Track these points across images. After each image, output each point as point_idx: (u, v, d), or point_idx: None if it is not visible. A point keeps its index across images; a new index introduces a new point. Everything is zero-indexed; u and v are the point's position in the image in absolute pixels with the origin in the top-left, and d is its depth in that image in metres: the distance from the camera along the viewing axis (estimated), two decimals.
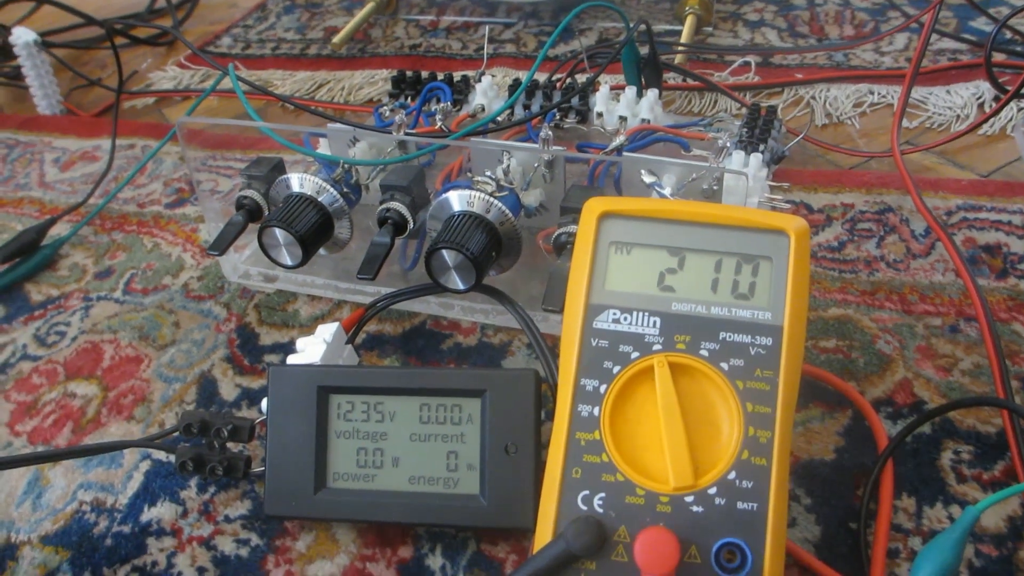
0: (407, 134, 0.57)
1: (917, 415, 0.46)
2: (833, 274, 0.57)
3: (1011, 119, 0.70)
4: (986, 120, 0.66)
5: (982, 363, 0.49)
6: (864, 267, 0.57)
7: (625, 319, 0.38)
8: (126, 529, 0.45)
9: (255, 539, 0.43)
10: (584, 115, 0.69)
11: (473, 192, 0.48)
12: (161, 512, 0.45)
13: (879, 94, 0.76)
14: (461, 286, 0.48)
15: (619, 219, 0.39)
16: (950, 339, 0.51)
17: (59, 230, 0.69)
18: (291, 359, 0.47)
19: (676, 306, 0.38)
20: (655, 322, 0.38)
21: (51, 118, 0.88)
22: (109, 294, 0.62)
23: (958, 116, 0.72)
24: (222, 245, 0.53)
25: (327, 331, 0.49)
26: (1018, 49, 0.77)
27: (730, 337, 0.37)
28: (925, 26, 0.64)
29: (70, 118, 0.88)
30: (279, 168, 0.55)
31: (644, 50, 0.70)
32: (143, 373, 0.54)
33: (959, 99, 0.74)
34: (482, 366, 0.52)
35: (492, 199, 0.48)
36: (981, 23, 0.84)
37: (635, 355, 0.37)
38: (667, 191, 0.48)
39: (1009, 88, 0.60)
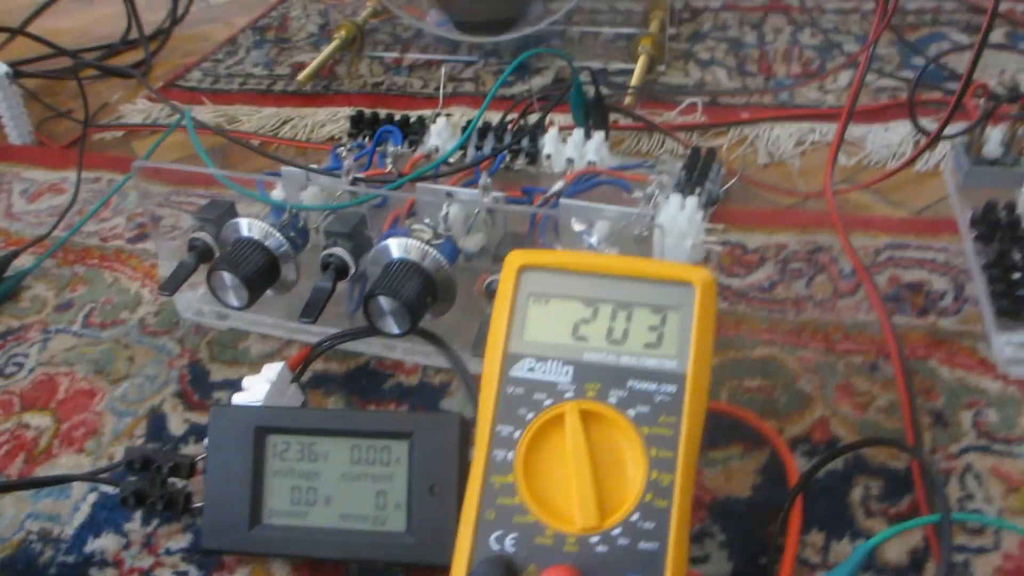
0: (355, 179, 0.59)
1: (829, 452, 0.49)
2: (762, 314, 0.59)
3: (944, 156, 0.73)
4: (911, 162, 0.69)
5: (897, 400, 0.52)
6: (792, 307, 0.60)
7: (540, 368, 0.40)
8: (70, 559, 0.47)
9: (193, 572, 0.45)
10: (534, 156, 0.72)
11: (410, 240, 0.51)
12: (105, 543, 0.47)
13: (820, 132, 0.79)
14: (396, 331, 0.50)
15: (537, 271, 0.42)
16: (869, 377, 0.54)
17: (23, 261, 0.71)
18: (236, 397, 0.49)
19: (588, 355, 0.40)
20: (568, 371, 0.40)
21: (22, 148, 0.90)
22: (68, 327, 0.64)
23: (895, 154, 0.75)
24: (172, 286, 0.55)
25: (272, 371, 0.51)
26: (947, 87, 0.80)
27: (637, 385, 0.39)
28: (860, 65, 0.67)
29: (41, 149, 0.90)
30: (231, 211, 0.58)
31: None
32: (96, 406, 0.57)
33: (896, 137, 0.77)
34: (414, 408, 0.54)
35: (428, 247, 0.50)
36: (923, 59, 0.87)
37: (548, 402, 0.39)
38: (594, 240, 0.50)
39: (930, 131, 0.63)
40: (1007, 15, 0.93)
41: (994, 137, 0.66)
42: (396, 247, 0.51)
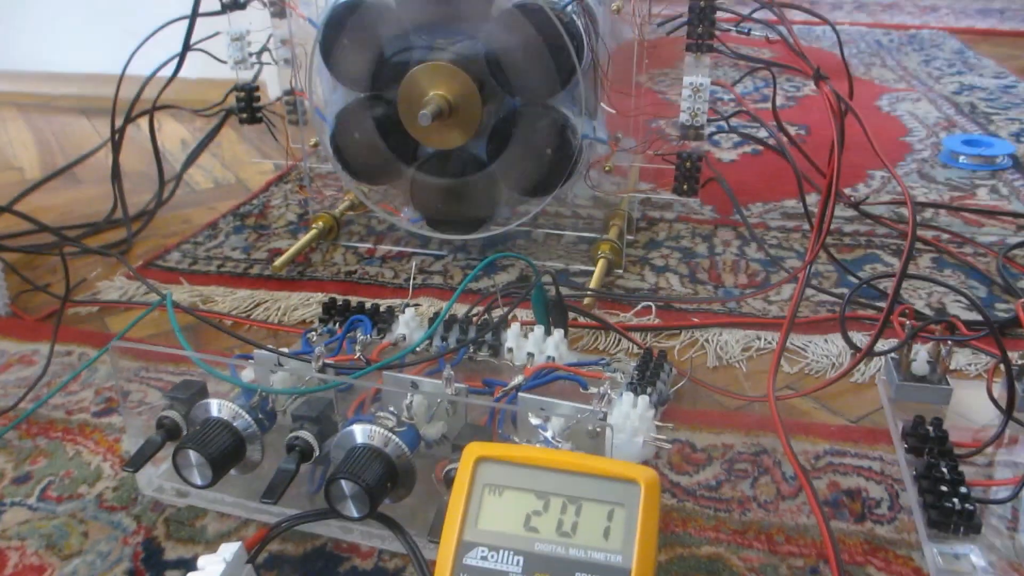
0: (325, 365, 0.62)
1: None
2: (709, 512, 0.62)
3: (879, 369, 0.78)
4: (845, 374, 0.74)
5: None
6: (738, 507, 0.62)
7: (492, 556, 0.42)
8: None
9: None
10: (496, 349, 0.75)
11: (374, 427, 0.53)
12: None
13: (765, 340, 0.84)
14: (355, 514, 0.51)
15: (494, 463, 0.44)
16: None
17: None
18: None
19: (539, 546, 0.42)
20: (519, 560, 0.42)
21: None
22: (24, 500, 0.64)
23: (833, 364, 0.80)
24: (138, 462, 0.56)
25: (228, 551, 0.52)
26: (879, 305, 0.87)
27: None
28: (799, 282, 0.73)
29: (14, 321, 0.92)
30: (202, 392, 0.60)
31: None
32: None
33: (835, 348, 0.82)
34: None
35: (391, 435, 0.53)
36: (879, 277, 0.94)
37: None
38: (549, 433, 0.53)
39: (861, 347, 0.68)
40: (933, 242, 1.02)
41: (921, 355, 0.71)
42: (360, 433, 0.53)
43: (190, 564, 0.57)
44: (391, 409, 0.56)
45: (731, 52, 0.83)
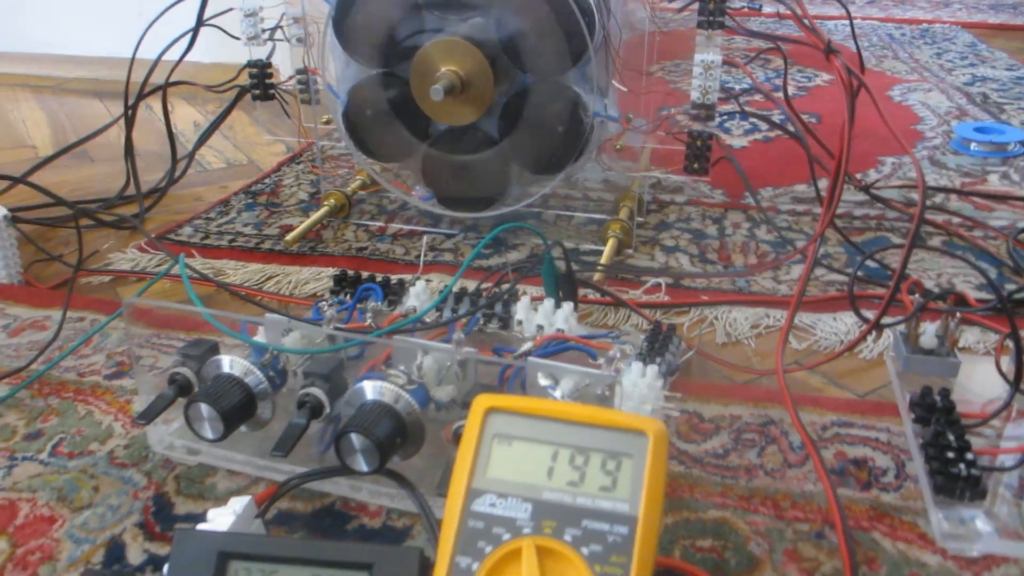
0: (336, 328, 0.63)
1: None
2: (715, 479, 0.62)
3: (887, 346, 0.79)
4: (853, 347, 0.74)
5: (841, 568, 0.54)
6: (744, 474, 0.62)
7: (501, 503, 0.42)
8: None
9: None
10: (506, 322, 0.76)
11: (385, 383, 0.54)
12: None
13: (774, 318, 0.84)
14: (365, 468, 0.52)
15: (503, 414, 0.45)
16: (815, 544, 0.56)
17: None
18: (200, 527, 0.50)
19: (547, 494, 0.42)
20: (527, 508, 0.42)
21: (8, 287, 0.93)
22: (35, 455, 0.65)
23: (842, 341, 0.80)
24: (150, 415, 0.57)
25: (238, 503, 0.53)
26: (885, 282, 0.87)
27: (591, 524, 0.41)
28: (808, 257, 0.73)
29: (26, 288, 0.93)
30: (214, 350, 0.61)
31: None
32: (54, 533, 0.57)
33: (843, 326, 0.82)
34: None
35: (401, 391, 0.53)
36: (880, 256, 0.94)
37: (507, 536, 0.41)
38: (558, 394, 0.54)
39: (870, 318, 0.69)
40: (944, 225, 1.02)
41: (929, 330, 0.71)
42: (371, 389, 0.54)
43: (200, 519, 0.57)
44: (401, 368, 0.56)
45: (742, 28, 0.84)
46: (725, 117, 1.42)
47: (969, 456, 0.58)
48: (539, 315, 0.75)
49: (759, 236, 1.01)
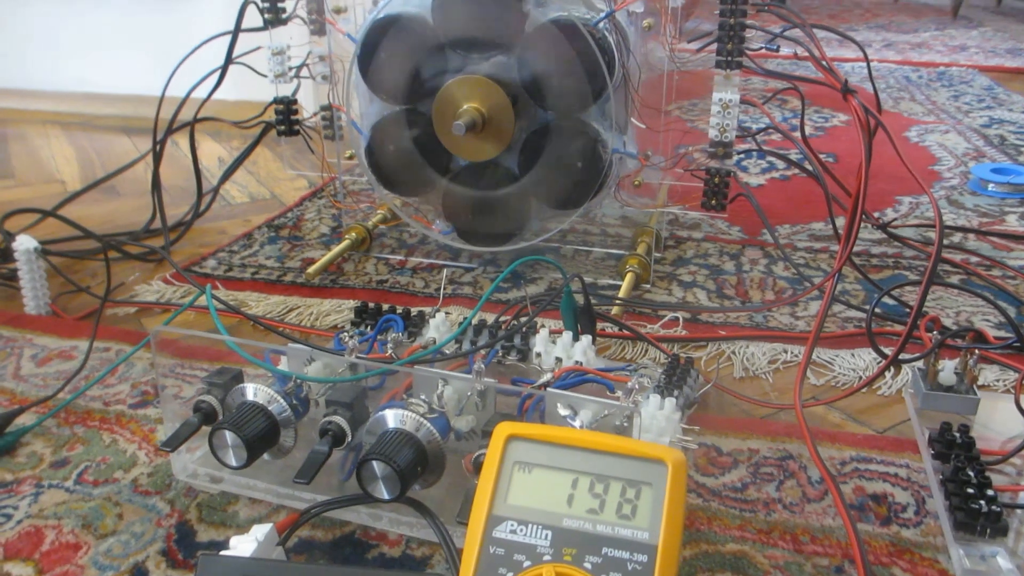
0: (358, 358, 0.64)
1: None
2: (734, 512, 0.62)
3: (905, 382, 0.79)
4: (871, 382, 0.74)
5: None
6: (763, 508, 0.62)
7: (521, 530, 0.43)
8: None
9: None
10: (525, 354, 0.76)
11: (406, 412, 0.54)
12: None
13: (792, 353, 0.84)
14: (386, 496, 0.52)
15: (524, 442, 0.45)
16: None
17: (25, 419, 0.74)
18: (224, 554, 0.51)
19: (567, 522, 0.43)
20: (547, 535, 0.43)
21: (36, 318, 0.95)
22: (61, 483, 0.66)
23: (860, 377, 0.80)
24: (175, 443, 0.58)
25: (260, 531, 0.53)
26: (903, 319, 0.87)
27: (612, 552, 0.42)
28: (826, 293, 0.73)
29: (54, 319, 0.95)
30: (238, 378, 0.62)
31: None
32: (79, 559, 0.57)
33: (862, 362, 0.82)
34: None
35: (423, 419, 0.54)
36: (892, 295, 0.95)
37: (527, 563, 0.42)
38: (577, 423, 0.54)
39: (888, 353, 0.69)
40: (962, 264, 1.02)
41: (948, 367, 0.72)
42: (392, 417, 0.55)
43: (222, 546, 0.58)
44: (422, 397, 0.57)
45: (760, 68, 0.85)
46: (743, 155, 1.44)
47: (990, 492, 0.58)
48: (558, 348, 0.76)
49: (777, 272, 1.02)
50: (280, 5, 1.02)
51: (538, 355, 0.76)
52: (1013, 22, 3.14)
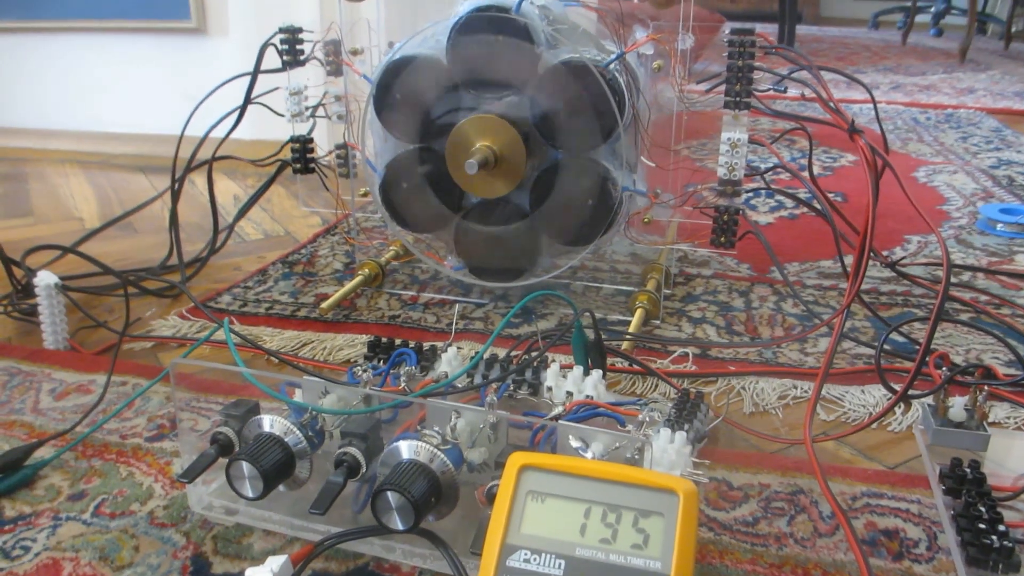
0: (371, 389, 0.64)
1: None
2: (745, 546, 0.62)
3: (916, 419, 0.79)
4: (881, 417, 0.75)
5: None
6: (774, 542, 0.63)
7: (535, 560, 0.43)
8: None
9: None
10: (536, 388, 0.77)
11: (420, 443, 0.55)
12: None
13: (801, 389, 0.85)
14: (401, 526, 0.53)
15: (537, 471, 0.46)
16: None
17: (43, 453, 0.75)
18: None
19: (580, 551, 0.43)
20: (560, 564, 0.43)
21: (55, 352, 0.96)
22: (78, 515, 0.66)
23: (870, 413, 0.81)
24: (193, 474, 0.58)
25: (275, 563, 0.54)
26: (913, 355, 0.87)
27: None
28: (835, 330, 0.74)
29: (72, 354, 0.96)
30: (255, 410, 0.62)
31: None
32: None
33: (872, 398, 0.83)
34: None
35: (437, 451, 0.55)
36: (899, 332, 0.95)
37: None
38: (589, 455, 0.55)
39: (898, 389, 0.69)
40: (971, 303, 1.03)
41: (958, 403, 0.72)
42: (406, 448, 0.55)
43: None
44: (436, 429, 0.58)
45: (768, 109, 0.87)
46: (751, 194, 1.45)
47: (1001, 528, 0.58)
48: (568, 382, 0.77)
49: (785, 309, 1.03)
50: (298, 47, 1.05)
51: (549, 389, 0.77)
52: (1021, 65, 3.17)
